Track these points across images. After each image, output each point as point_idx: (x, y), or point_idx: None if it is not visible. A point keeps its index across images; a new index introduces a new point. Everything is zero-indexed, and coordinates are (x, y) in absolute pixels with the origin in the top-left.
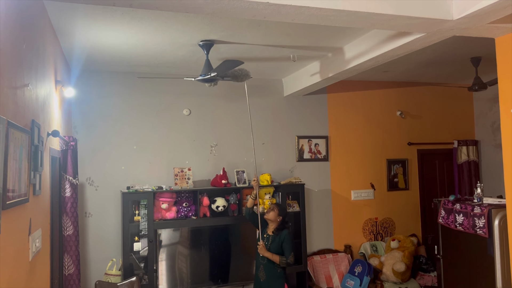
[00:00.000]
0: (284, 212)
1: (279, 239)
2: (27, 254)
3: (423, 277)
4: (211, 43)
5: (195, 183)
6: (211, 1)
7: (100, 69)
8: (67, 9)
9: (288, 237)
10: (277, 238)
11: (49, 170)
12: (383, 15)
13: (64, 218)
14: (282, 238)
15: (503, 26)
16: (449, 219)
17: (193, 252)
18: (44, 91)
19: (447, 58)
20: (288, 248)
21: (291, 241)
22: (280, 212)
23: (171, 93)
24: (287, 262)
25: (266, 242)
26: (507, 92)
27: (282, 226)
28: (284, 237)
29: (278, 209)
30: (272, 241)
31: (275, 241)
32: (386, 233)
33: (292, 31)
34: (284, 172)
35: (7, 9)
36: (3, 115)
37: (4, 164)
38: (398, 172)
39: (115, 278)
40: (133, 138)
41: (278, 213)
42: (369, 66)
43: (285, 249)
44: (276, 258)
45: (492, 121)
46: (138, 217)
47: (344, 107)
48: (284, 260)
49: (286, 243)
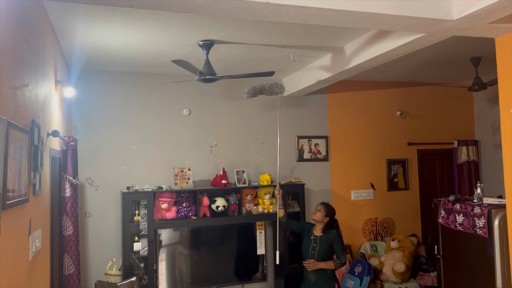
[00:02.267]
0: (331, 212)
1: (328, 239)
2: (27, 254)
3: (423, 277)
4: (211, 43)
5: (195, 183)
6: (211, 1)
7: (100, 69)
8: (67, 9)
9: (338, 237)
10: (325, 239)
11: (49, 170)
12: (383, 15)
13: (64, 218)
14: (331, 239)
15: (503, 26)
16: (449, 219)
17: (193, 252)
18: (44, 91)
19: (447, 58)
20: (340, 248)
21: (341, 240)
22: (327, 212)
23: (171, 93)
24: (341, 263)
25: (314, 244)
26: (507, 92)
27: (331, 226)
28: (334, 237)
29: (325, 209)
30: (321, 242)
31: (323, 241)
32: (386, 233)
33: (292, 31)
34: (284, 172)
35: (7, 9)
36: (3, 115)
37: (4, 164)
38: (398, 172)
39: (115, 278)
40: (133, 138)
41: (325, 214)
42: (369, 66)
43: (337, 249)
44: (330, 265)
45: (492, 121)
46: (138, 217)
47: (344, 107)
48: (339, 262)
49: (337, 243)
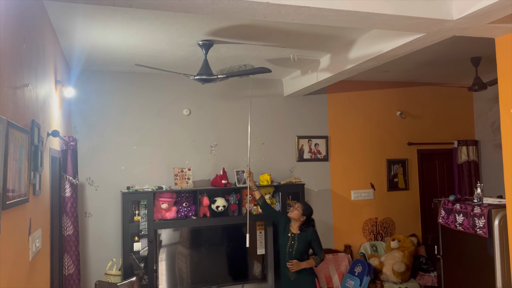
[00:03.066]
0: (308, 212)
1: (306, 237)
2: (27, 254)
3: (423, 277)
4: (210, 43)
5: (195, 183)
6: (211, 1)
7: (100, 69)
8: (67, 9)
9: (316, 235)
10: (303, 237)
11: (49, 170)
12: (383, 15)
13: (64, 218)
14: (309, 237)
15: (503, 26)
16: (449, 219)
17: (193, 252)
18: (44, 91)
19: (447, 58)
20: (318, 246)
21: (318, 238)
22: (304, 211)
23: (171, 93)
24: (321, 259)
25: (292, 242)
26: (507, 92)
27: (308, 224)
28: (312, 235)
29: (303, 208)
30: (299, 240)
31: (301, 239)
32: (386, 233)
33: (292, 31)
34: (284, 172)
35: (7, 9)
36: (3, 115)
37: (4, 164)
38: (398, 172)
39: (115, 278)
40: (133, 138)
41: (302, 213)
42: (369, 66)
43: (316, 247)
44: (312, 263)
45: (492, 121)
46: (138, 217)
47: (344, 107)
48: (319, 259)
49: (315, 241)
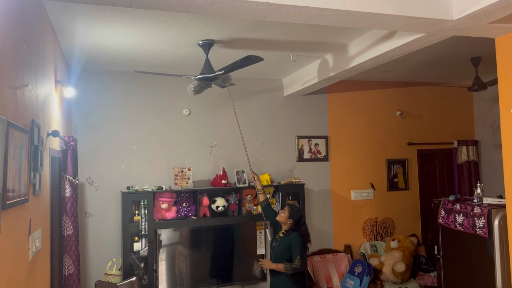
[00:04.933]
0: (296, 215)
1: (286, 242)
2: (27, 254)
3: (423, 277)
4: (211, 43)
5: (195, 183)
6: (211, 1)
7: (100, 69)
8: (67, 9)
9: (296, 240)
10: (284, 241)
11: (49, 170)
12: (383, 15)
13: (64, 218)
14: (289, 242)
15: (503, 26)
16: (449, 219)
17: (193, 252)
18: (44, 91)
19: (447, 58)
20: (295, 252)
21: (299, 244)
22: (290, 214)
23: (171, 93)
24: (292, 267)
25: (274, 243)
26: (507, 92)
27: (294, 228)
28: (292, 240)
29: (289, 211)
30: (279, 243)
31: (282, 243)
32: (386, 233)
33: (292, 31)
34: (284, 172)
35: (7, 9)
36: (3, 115)
37: (4, 164)
38: (398, 172)
39: (115, 278)
40: (133, 138)
41: (288, 216)
42: (369, 66)
43: (293, 253)
44: (280, 267)
45: (492, 121)
46: (138, 217)
47: (344, 107)
48: (289, 266)
49: (294, 247)
